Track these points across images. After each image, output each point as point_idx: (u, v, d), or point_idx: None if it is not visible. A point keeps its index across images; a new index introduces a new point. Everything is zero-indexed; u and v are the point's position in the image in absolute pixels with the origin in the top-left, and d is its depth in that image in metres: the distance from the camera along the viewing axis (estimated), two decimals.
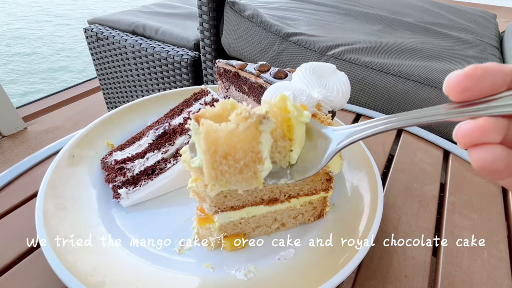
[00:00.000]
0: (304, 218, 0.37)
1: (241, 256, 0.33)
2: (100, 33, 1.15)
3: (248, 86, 0.44)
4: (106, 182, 0.39)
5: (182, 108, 0.45)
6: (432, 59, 0.82)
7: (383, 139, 0.52)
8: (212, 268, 0.32)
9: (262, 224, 0.35)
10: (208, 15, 0.92)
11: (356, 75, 0.77)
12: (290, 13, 1.04)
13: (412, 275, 0.32)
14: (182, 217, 0.37)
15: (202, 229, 0.33)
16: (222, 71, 0.46)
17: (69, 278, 0.27)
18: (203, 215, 0.32)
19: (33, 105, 1.69)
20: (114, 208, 0.37)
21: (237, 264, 0.32)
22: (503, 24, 1.31)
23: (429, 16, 1.11)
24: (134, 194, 0.38)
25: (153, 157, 0.40)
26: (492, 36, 1.04)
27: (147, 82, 1.16)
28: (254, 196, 0.33)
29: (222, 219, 0.32)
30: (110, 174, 0.39)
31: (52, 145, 0.46)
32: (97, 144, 0.43)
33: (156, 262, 0.31)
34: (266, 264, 0.32)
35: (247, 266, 0.32)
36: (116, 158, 0.40)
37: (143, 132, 0.44)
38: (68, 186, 0.36)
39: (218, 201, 0.31)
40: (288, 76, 0.41)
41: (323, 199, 0.36)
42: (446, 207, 0.41)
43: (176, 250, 0.33)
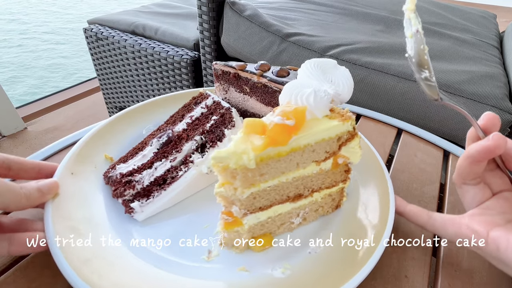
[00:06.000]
0: (323, 211, 0.37)
1: (271, 255, 0.33)
2: (100, 33, 1.15)
3: (250, 86, 0.44)
4: (114, 197, 0.37)
5: (183, 113, 0.45)
6: (432, 59, 0.81)
7: (383, 139, 0.52)
8: (247, 271, 0.31)
9: (286, 221, 0.35)
10: (208, 15, 0.92)
11: (356, 75, 0.77)
12: (290, 13, 1.04)
13: (412, 275, 0.32)
14: (201, 225, 0.36)
15: (229, 233, 0.32)
16: (220, 72, 0.46)
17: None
18: (231, 219, 0.32)
19: (33, 105, 1.69)
20: (129, 224, 0.35)
21: (271, 264, 0.31)
22: (503, 24, 1.31)
23: (429, 16, 1.11)
24: (148, 206, 0.36)
25: (161, 166, 0.39)
26: (492, 36, 1.04)
27: (147, 82, 1.16)
28: (281, 194, 0.33)
29: (251, 221, 0.32)
30: (117, 188, 0.37)
31: (52, 145, 0.46)
32: (95, 158, 0.40)
33: (188, 273, 0.30)
34: (299, 259, 0.32)
35: (281, 263, 0.31)
36: (121, 171, 0.38)
37: (145, 141, 0.43)
38: (74, 206, 0.34)
39: (248, 203, 0.31)
40: (291, 74, 0.41)
41: (341, 190, 0.37)
42: (446, 207, 0.41)
43: (204, 258, 0.33)
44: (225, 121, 0.43)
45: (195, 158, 0.40)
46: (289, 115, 0.27)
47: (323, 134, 0.30)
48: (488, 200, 0.31)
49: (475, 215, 0.29)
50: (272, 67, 0.43)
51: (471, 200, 0.31)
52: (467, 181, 0.31)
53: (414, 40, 0.28)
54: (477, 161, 0.29)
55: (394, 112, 0.74)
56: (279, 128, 0.27)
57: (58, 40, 2.87)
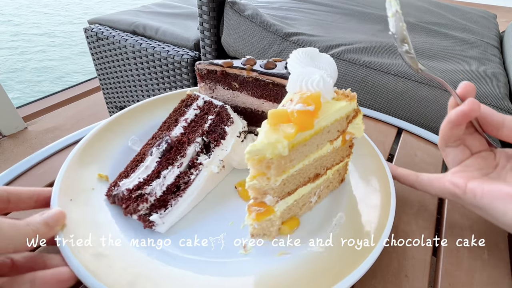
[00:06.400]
0: (332, 186, 0.40)
1: (302, 235, 0.35)
2: (100, 33, 1.14)
3: (240, 81, 0.44)
4: (128, 214, 0.35)
5: (176, 117, 0.43)
6: (432, 59, 0.82)
7: (383, 138, 0.52)
8: (288, 253, 0.32)
9: (307, 201, 0.37)
10: (208, 15, 0.92)
11: (356, 75, 0.77)
12: (290, 13, 1.04)
13: (412, 275, 0.32)
14: (224, 223, 0.36)
15: (261, 223, 0.33)
16: (205, 72, 0.45)
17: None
18: (262, 209, 0.33)
19: (33, 105, 1.69)
20: (152, 235, 0.34)
21: (305, 242, 0.34)
22: (503, 24, 1.31)
23: (429, 16, 1.11)
24: (168, 216, 0.35)
25: (170, 174, 0.38)
26: (492, 36, 1.04)
27: (147, 81, 1.16)
28: (304, 176, 0.35)
29: (281, 207, 0.34)
30: (129, 205, 0.35)
31: (52, 145, 0.46)
32: (89, 180, 0.38)
33: (231, 272, 0.31)
34: (328, 233, 0.34)
35: (315, 240, 0.33)
36: (127, 187, 0.36)
37: (142, 152, 0.40)
38: (86, 232, 0.31)
39: (279, 190, 0.32)
40: (278, 65, 0.42)
41: (346, 164, 0.40)
42: (446, 207, 0.41)
43: (241, 252, 0.33)
44: (223, 119, 0.43)
45: (202, 159, 0.39)
46: (309, 101, 0.29)
47: (336, 115, 0.33)
48: (468, 159, 0.36)
49: (456, 172, 0.35)
50: (258, 61, 0.44)
51: (452, 160, 0.36)
52: (449, 143, 0.36)
53: (394, 19, 0.33)
54: (457, 124, 0.33)
55: (394, 112, 0.74)
56: (304, 114, 0.29)
57: (57, 39, 2.87)
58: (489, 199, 0.30)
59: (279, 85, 0.42)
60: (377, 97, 0.76)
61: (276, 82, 0.42)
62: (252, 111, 0.47)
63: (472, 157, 0.36)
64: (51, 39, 2.88)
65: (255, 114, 0.47)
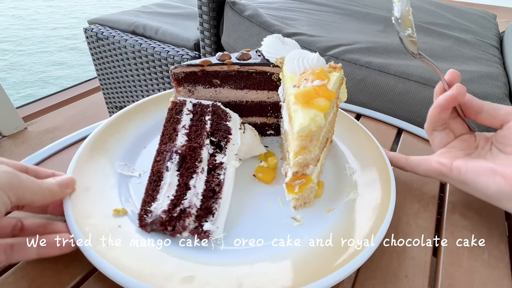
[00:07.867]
0: (328, 149, 0.45)
1: (329, 201, 0.40)
2: (100, 33, 1.15)
3: (222, 77, 0.45)
4: (176, 234, 0.33)
5: (173, 127, 0.42)
6: (432, 59, 0.81)
7: (383, 138, 0.52)
8: (334, 208, 0.38)
9: (323, 164, 0.43)
10: (208, 15, 0.92)
11: (356, 75, 0.77)
12: (290, 13, 1.04)
13: (412, 275, 0.32)
14: (263, 207, 0.39)
15: (303, 194, 0.37)
16: (183, 75, 0.44)
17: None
18: (303, 180, 0.36)
19: (33, 105, 1.69)
20: (206, 253, 0.33)
21: (339, 196, 0.40)
22: (503, 24, 1.31)
23: (429, 16, 1.11)
24: (218, 220, 0.35)
25: (198, 182, 0.37)
26: (492, 36, 1.04)
27: (147, 82, 1.16)
28: (323, 142, 0.39)
29: (314, 173, 0.37)
30: (175, 225, 0.33)
31: (52, 145, 0.46)
32: (110, 219, 0.34)
33: (305, 235, 0.35)
34: (346, 198, 0.39)
35: (341, 204, 0.38)
36: (163, 209, 0.34)
37: (156, 170, 0.37)
38: (150, 265, 0.30)
39: (315, 159, 0.36)
40: (252, 54, 0.45)
41: (333, 127, 0.46)
42: (446, 207, 0.41)
43: (296, 224, 0.37)
44: (221, 116, 0.44)
45: (220, 159, 0.39)
46: (322, 76, 0.34)
47: (337, 84, 0.37)
48: (452, 142, 0.40)
49: (442, 153, 0.39)
50: (231, 55, 0.45)
51: (439, 143, 0.41)
52: (436, 127, 0.40)
53: (400, 4, 0.36)
54: (445, 108, 0.37)
55: (394, 112, 0.74)
56: (324, 88, 0.33)
57: (57, 39, 2.86)
58: (473, 175, 0.34)
59: (262, 73, 0.45)
60: (377, 97, 0.76)
61: (258, 70, 0.44)
62: (236, 103, 0.48)
63: (455, 140, 0.40)
64: (51, 39, 2.88)
65: (240, 105, 0.48)
